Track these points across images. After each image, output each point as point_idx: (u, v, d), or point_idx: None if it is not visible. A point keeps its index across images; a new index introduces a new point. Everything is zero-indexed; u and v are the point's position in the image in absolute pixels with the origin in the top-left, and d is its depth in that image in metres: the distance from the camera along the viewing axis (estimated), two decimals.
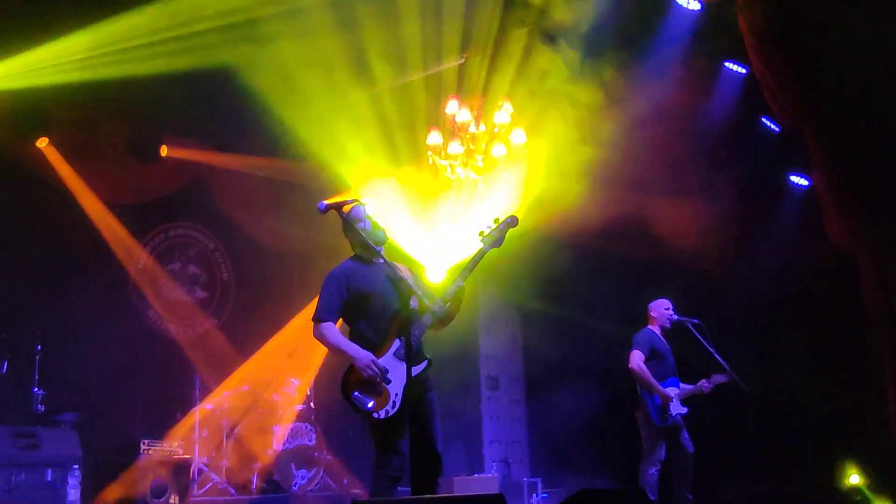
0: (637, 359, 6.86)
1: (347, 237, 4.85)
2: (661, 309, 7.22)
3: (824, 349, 9.10)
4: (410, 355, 4.40)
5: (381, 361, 4.43)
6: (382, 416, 4.32)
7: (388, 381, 4.38)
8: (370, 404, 4.34)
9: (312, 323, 4.63)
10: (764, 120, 8.03)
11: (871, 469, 8.29)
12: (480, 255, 4.69)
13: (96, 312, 7.82)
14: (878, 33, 6.64)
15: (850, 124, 7.57)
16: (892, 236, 8.57)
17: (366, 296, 4.63)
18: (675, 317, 7.17)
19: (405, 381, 4.38)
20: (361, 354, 4.42)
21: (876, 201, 8.14)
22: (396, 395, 4.38)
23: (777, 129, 8.03)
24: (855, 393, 8.89)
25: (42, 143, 7.74)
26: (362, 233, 4.65)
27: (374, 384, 4.36)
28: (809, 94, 7.21)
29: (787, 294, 9.12)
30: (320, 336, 4.57)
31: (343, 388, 4.44)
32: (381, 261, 4.68)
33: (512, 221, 4.83)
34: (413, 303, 4.61)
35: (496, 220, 4.80)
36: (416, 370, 4.44)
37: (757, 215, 9.08)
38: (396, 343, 4.51)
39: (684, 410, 6.91)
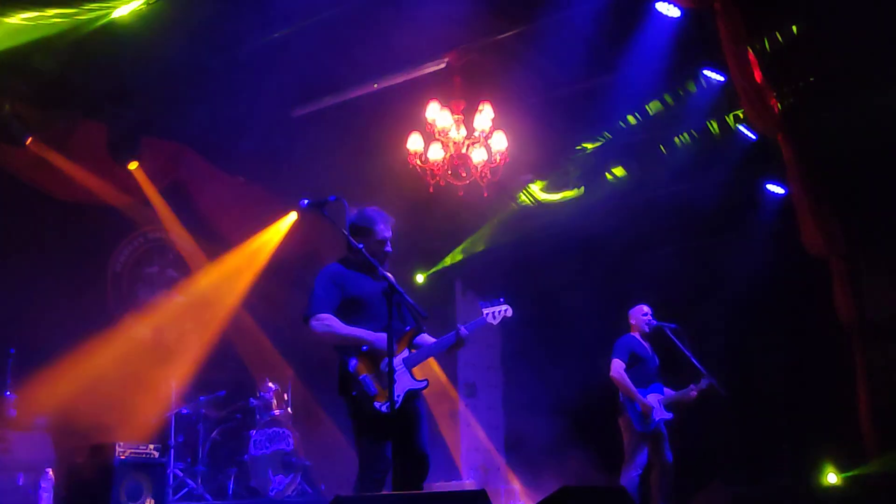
0: (617, 367, 6.89)
1: (351, 236, 4.55)
2: (639, 315, 7.26)
3: (799, 354, 9.21)
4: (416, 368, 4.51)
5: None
6: (383, 409, 4.28)
7: (394, 381, 4.28)
8: (375, 391, 4.32)
9: (307, 321, 4.47)
10: (741, 128, 8.09)
11: (846, 467, 8.37)
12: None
13: (71, 315, 7.70)
14: (852, 40, 6.76)
15: (823, 133, 7.70)
16: (864, 244, 8.71)
17: (358, 301, 4.57)
18: (654, 322, 7.21)
19: (407, 389, 4.44)
20: (374, 334, 4.38)
21: (848, 210, 8.27)
22: (398, 396, 4.37)
23: (754, 137, 8.11)
24: (829, 397, 9.01)
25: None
26: (371, 253, 4.52)
27: (381, 378, 4.32)
28: (784, 102, 7.32)
29: (762, 300, 9.21)
30: (321, 328, 4.42)
31: (345, 374, 4.37)
32: (381, 276, 4.50)
33: (507, 311, 4.87)
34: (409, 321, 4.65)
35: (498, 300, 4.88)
36: (419, 384, 4.51)
37: (733, 222, 9.19)
38: (406, 352, 4.54)
39: (669, 416, 6.94)
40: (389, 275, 4.50)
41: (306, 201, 4.47)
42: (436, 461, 9.68)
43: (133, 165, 8.31)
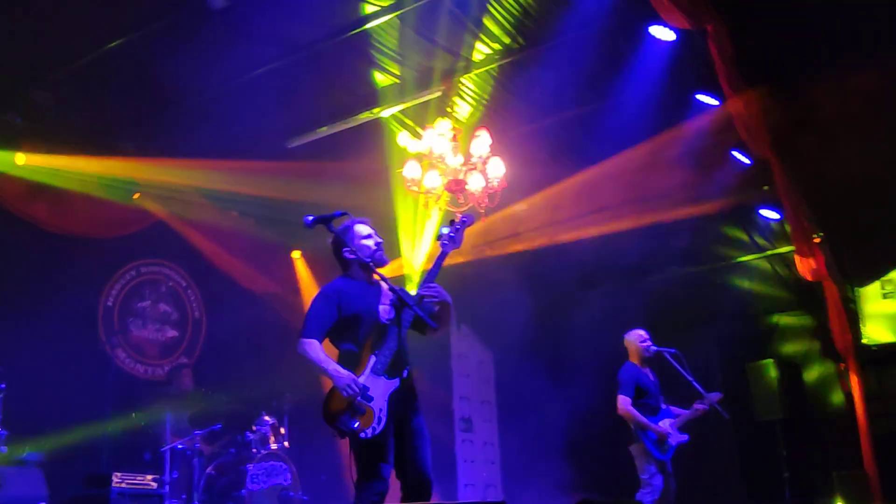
0: (624, 403, 6.76)
1: (341, 254, 4.64)
2: (639, 341, 7.16)
3: (797, 378, 9.19)
4: (388, 368, 4.33)
5: (361, 380, 4.27)
6: (369, 434, 4.18)
7: (370, 399, 4.23)
8: (355, 424, 4.20)
9: (297, 340, 4.44)
10: (735, 153, 8.15)
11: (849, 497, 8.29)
12: (442, 257, 4.58)
13: (63, 350, 7.57)
14: (844, 68, 6.86)
15: (818, 158, 7.77)
16: (858, 270, 8.77)
17: (356, 318, 4.49)
18: (654, 348, 7.14)
19: (388, 395, 4.29)
20: (341, 374, 4.26)
21: (842, 236, 8.34)
22: (381, 410, 4.25)
23: (749, 162, 8.17)
24: (828, 424, 8.97)
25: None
26: (364, 251, 4.54)
27: (354, 408, 4.21)
28: (777, 127, 7.39)
29: (757, 325, 9.23)
30: (303, 352, 4.39)
31: (325, 412, 4.28)
32: (380, 281, 4.54)
33: (468, 220, 4.74)
34: (406, 315, 4.46)
35: (452, 221, 4.73)
36: (394, 384, 4.34)
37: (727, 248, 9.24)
38: (372, 359, 4.36)
39: (685, 438, 6.86)
40: (394, 287, 4.47)
41: (311, 218, 4.42)
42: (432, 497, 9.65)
43: (136, 196, 8.23)
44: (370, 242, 4.64)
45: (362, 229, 4.68)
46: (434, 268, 4.56)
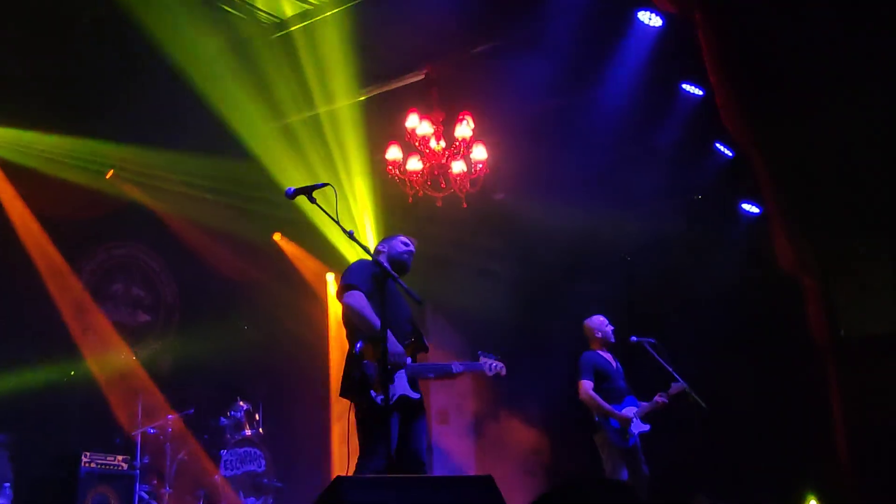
0: (586, 388, 6.72)
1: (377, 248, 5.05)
2: (602, 326, 7.08)
3: (775, 373, 9.19)
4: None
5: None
6: (378, 400, 4.34)
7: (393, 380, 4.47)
8: (375, 378, 4.39)
9: (345, 290, 4.62)
10: (717, 145, 8.14)
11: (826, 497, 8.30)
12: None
13: (31, 334, 7.41)
14: (835, 62, 6.86)
15: (799, 151, 7.78)
16: (838, 263, 8.79)
17: (379, 302, 4.54)
18: (634, 338, 7.09)
19: (401, 393, 4.56)
20: (395, 342, 4.46)
21: (822, 229, 8.35)
22: (393, 395, 4.43)
23: (730, 154, 8.16)
24: (804, 418, 8.98)
25: None
26: (397, 257, 4.92)
27: (385, 375, 4.31)
28: (762, 118, 7.39)
29: (735, 320, 9.22)
30: (354, 302, 4.57)
31: (350, 358, 4.52)
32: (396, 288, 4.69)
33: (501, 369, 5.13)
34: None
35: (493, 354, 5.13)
36: (414, 395, 4.67)
37: (708, 240, 9.20)
38: (409, 360, 4.66)
39: (646, 428, 6.80)
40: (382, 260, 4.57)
41: (292, 190, 4.34)
42: None
43: (109, 174, 8.04)
44: (405, 248, 5.03)
45: (406, 240, 5.08)
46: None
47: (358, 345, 4.50)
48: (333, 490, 2.89)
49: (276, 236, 9.68)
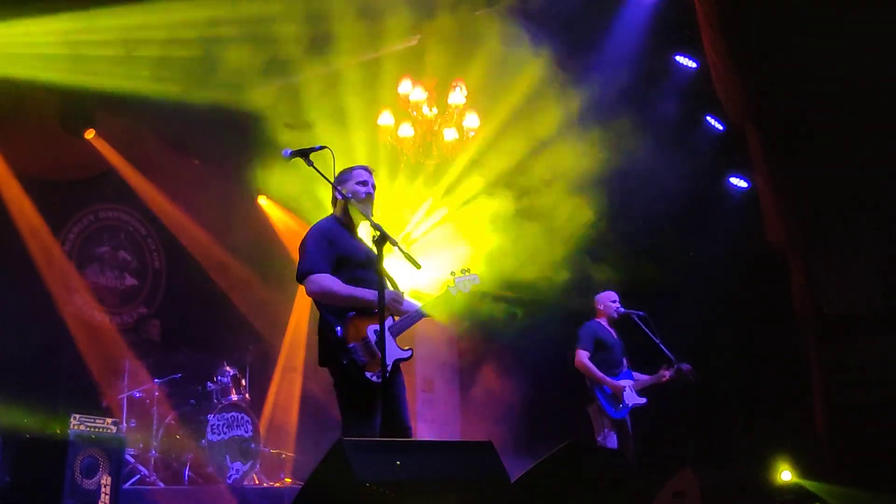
0: (581, 356, 6.80)
1: (334, 194, 4.54)
2: (608, 301, 7.19)
3: (757, 347, 9.27)
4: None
5: (368, 326, 4.22)
6: (374, 379, 4.10)
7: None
8: (365, 360, 4.13)
9: (303, 279, 4.28)
10: (709, 118, 8.12)
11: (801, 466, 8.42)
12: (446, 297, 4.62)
13: (16, 295, 7.29)
14: (830, 39, 6.83)
15: (792, 126, 7.78)
16: (823, 240, 8.84)
17: (347, 260, 4.39)
18: (622, 309, 7.16)
19: (395, 357, 4.29)
20: (368, 293, 4.19)
21: (809, 205, 8.38)
22: (390, 363, 4.21)
23: (722, 128, 8.15)
24: (784, 393, 9.08)
25: None
26: (354, 196, 4.44)
27: (369, 346, 4.16)
28: (755, 92, 7.36)
29: (721, 294, 9.26)
30: (323, 288, 4.22)
31: (328, 344, 4.21)
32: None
33: (475, 279, 4.74)
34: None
35: (465, 270, 4.73)
36: (405, 353, 4.36)
37: (696, 214, 9.21)
38: (390, 320, 4.34)
39: (642, 401, 6.87)
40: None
41: (289, 151, 4.26)
42: None
43: (90, 134, 7.89)
44: (363, 188, 4.54)
45: (361, 174, 4.59)
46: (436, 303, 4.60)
47: (338, 329, 4.18)
48: (337, 453, 2.86)
49: (261, 199, 9.58)
